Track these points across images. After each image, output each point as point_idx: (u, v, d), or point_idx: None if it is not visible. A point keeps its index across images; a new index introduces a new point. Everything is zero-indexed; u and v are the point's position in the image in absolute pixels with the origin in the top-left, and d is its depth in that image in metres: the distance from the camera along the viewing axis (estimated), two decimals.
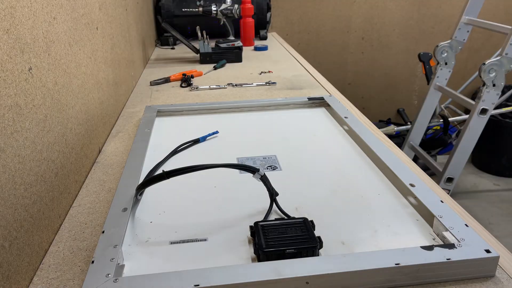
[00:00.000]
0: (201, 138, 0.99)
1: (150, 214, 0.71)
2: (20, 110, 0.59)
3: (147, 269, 0.58)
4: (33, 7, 0.66)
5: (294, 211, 0.70)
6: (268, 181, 0.70)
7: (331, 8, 2.80)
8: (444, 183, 1.97)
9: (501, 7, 2.89)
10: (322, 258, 0.56)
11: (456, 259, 0.54)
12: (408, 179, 0.75)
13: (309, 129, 1.06)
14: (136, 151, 0.90)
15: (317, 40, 2.86)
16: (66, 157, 0.75)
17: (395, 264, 0.54)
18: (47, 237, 0.64)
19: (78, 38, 0.88)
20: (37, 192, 0.62)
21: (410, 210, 0.70)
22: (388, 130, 2.58)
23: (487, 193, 2.69)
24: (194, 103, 1.22)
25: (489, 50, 2.86)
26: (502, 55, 1.78)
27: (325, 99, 1.21)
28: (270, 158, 0.89)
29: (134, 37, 1.56)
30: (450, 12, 2.85)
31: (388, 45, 2.93)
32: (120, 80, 1.26)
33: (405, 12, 2.86)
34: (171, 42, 2.18)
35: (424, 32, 2.90)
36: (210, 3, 2.00)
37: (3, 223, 0.52)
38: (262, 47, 2.09)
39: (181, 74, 1.53)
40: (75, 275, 0.58)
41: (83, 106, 0.88)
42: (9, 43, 0.56)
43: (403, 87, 3.04)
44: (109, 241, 0.60)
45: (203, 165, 0.66)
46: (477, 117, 1.85)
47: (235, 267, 0.55)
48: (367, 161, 0.88)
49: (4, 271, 0.51)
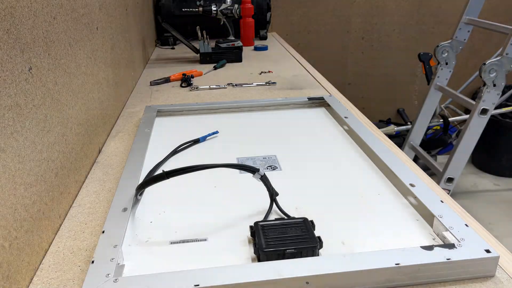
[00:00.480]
0: (201, 138, 0.99)
1: (150, 214, 0.71)
2: (20, 110, 0.59)
3: (147, 269, 0.58)
4: (33, 7, 0.66)
5: (294, 211, 0.70)
6: (268, 181, 0.70)
7: (331, 8, 2.80)
8: (444, 183, 1.97)
9: (501, 7, 2.89)
10: (322, 258, 0.56)
11: (456, 259, 0.54)
12: (408, 179, 0.74)
13: (309, 129, 1.06)
14: (136, 151, 0.90)
15: (317, 40, 2.86)
16: (66, 157, 0.75)
17: (395, 264, 0.54)
18: (47, 237, 0.64)
19: (78, 38, 0.88)
20: (37, 192, 0.62)
21: (410, 210, 0.70)
22: (388, 130, 2.57)
23: (487, 193, 2.69)
24: (194, 103, 1.22)
25: (490, 50, 2.86)
26: (503, 55, 1.78)
27: (325, 99, 1.21)
28: (270, 158, 0.89)
29: (134, 37, 1.56)
30: (450, 12, 2.85)
31: (388, 45, 2.93)
32: (120, 80, 1.26)
33: (405, 12, 2.86)
34: (171, 42, 2.17)
35: (424, 32, 2.90)
36: (210, 3, 2.00)
37: (3, 223, 0.52)
38: (262, 47, 2.09)
39: (181, 74, 1.53)
40: (75, 275, 0.58)
41: (83, 106, 0.88)
42: (9, 43, 0.56)
43: (403, 87, 3.04)
44: (109, 241, 0.60)
45: (203, 165, 0.66)
46: (478, 117, 1.84)
47: (235, 267, 0.55)
48: (367, 161, 0.88)
49: (4, 271, 0.51)
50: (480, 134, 1.89)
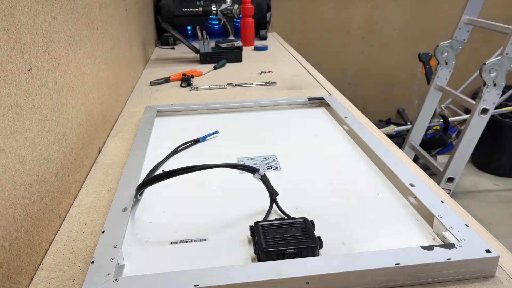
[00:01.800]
0: (201, 138, 0.99)
1: (150, 214, 0.71)
2: (20, 110, 0.59)
3: (147, 269, 0.58)
4: (33, 7, 0.66)
5: (294, 211, 0.70)
6: (268, 181, 0.70)
7: (331, 8, 2.80)
8: (445, 183, 1.97)
9: (501, 7, 2.89)
10: (322, 258, 0.56)
11: (456, 259, 0.54)
12: (408, 179, 0.74)
13: (309, 129, 1.06)
14: (136, 151, 0.90)
15: (317, 40, 2.86)
16: (66, 157, 0.75)
17: (395, 264, 0.54)
18: (47, 237, 0.64)
19: (78, 38, 0.88)
20: (37, 192, 0.62)
21: (410, 210, 0.70)
22: (388, 130, 2.58)
23: (487, 193, 2.69)
24: (194, 103, 1.22)
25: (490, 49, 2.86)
26: (503, 55, 1.78)
27: (325, 99, 1.21)
28: (270, 158, 0.89)
29: (134, 37, 1.56)
30: (450, 12, 2.85)
31: (388, 45, 2.93)
32: (120, 80, 1.26)
33: (405, 12, 2.86)
34: (171, 42, 2.17)
35: (424, 32, 2.90)
36: (210, 3, 2.00)
37: (3, 223, 0.52)
38: (262, 47, 2.09)
39: (181, 74, 1.53)
40: (75, 275, 0.58)
41: (83, 106, 0.88)
42: (9, 43, 0.56)
43: (403, 87, 3.04)
44: (109, 241, 0.60)
45: (203, 165, 0.66)
46: (478, 117, 1.84)
47: (235, 267, 0.55)
48: (367, 161, 0.88)
49: (4, 271, 0.51)
50: (481, 133, 1.89)
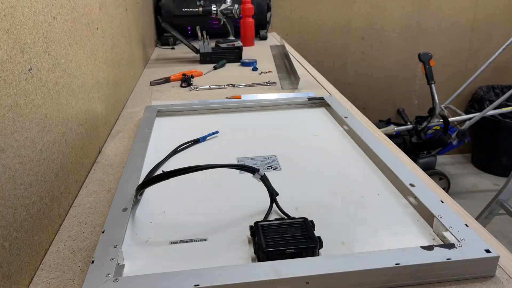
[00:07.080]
0: (201, 138, 0.99)
1: (150, 214, 0.71)
2: (20, 110, 0.59)
3: (147, 269, 0.58)
4: (33, 7, 0.66)
5: (294, 211, 0.70)
6: (268, 181, 0.70)
7: (331, 8, 2.80)
8: None
9: (501, 7, 2.89)
10: (322, 258, 0.56)
11: (456, 259, 0.54)
12: (408, 179, 0.74)
13: (309, 129, 1.06)
14: (136, 151, 0.90)
15: (317, 40, 2.86)
16: (66, 157, 0.75)
17: (395, 264, 0.54)
18: (47, 237, 0.64)
19: (78, 38, 0.88)
20: (37, 192, 0.62)
21: (410, 210, 0.70)
22: (388, 130, 2.57)
23: (487, 193, 2.69)
24: (194, 103, 1.21)
25: (489, 50, 2.86)
26: None
27: (325, 99, 1.21)
28: (270, 158, 0.89)
29: (134, 37, 1.56)
30: (450, 12, 2.85)
31: (388, 45, 2.93)
32: (120, 80, 1.26)
33: (405, 12, 2.86)
34: (171, 42, 2.18)
35: (424, 32, 2.90)
36: (210, 3, 2.00)
37: (3, 223, 0.52)
38: (249, 62, 1.75)
39: (181, 74, 1.53)
40: (75, 275, 0.58)
41: (83, 106, 0.88)
42: (9, 43, 0.56)
43: (403, 87, 3.04)
44: (109, 241, 0.60)
45: (203, 165, 0.66)
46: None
47: (235, 267, 0.55)
48: (367, 161, 0.88)
49: (4, 271, 0.51)
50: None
